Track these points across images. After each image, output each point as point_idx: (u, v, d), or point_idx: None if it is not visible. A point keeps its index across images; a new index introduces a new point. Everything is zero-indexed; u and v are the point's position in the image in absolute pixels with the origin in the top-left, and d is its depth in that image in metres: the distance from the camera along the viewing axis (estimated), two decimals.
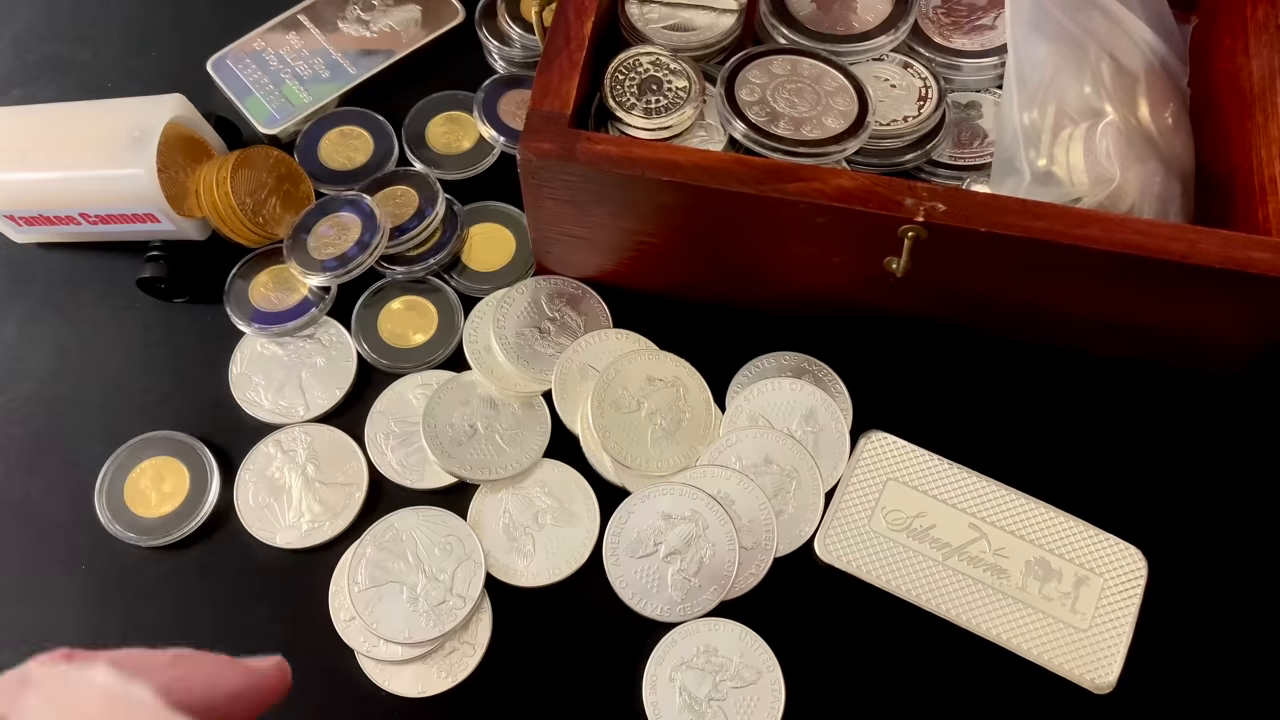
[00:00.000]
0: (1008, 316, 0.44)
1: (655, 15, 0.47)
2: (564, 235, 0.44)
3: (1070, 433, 0.46)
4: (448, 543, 0.43)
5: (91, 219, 0.46)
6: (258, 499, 0.44)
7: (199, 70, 0.52)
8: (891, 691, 0.41)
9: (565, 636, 0.42)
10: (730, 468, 0.44)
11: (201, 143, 0.48)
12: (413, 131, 0.52)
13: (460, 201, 0.49)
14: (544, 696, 0.41)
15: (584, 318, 0.47)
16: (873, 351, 0.47)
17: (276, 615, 0.42)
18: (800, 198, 0.38)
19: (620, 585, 0.42)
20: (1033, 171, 0.44)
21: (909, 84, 0.47)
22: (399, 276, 0.48)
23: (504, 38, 0.53)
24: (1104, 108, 0.44)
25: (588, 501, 0.44)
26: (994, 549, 0.43)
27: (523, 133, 0.39)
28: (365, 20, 0.54)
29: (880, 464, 0.44)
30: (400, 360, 0.47)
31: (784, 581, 0.43)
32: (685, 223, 0.41)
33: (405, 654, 0.41)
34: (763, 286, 0.45)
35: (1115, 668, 0.40)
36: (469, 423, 0.45)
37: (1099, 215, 0.38)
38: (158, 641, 0.41)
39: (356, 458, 0.45)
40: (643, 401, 0.45)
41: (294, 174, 0.49)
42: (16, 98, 0.53)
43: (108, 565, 0.43)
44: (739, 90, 0.44)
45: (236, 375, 0.46)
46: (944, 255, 0.40)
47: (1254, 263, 0.37)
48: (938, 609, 0.42)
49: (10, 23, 0.55)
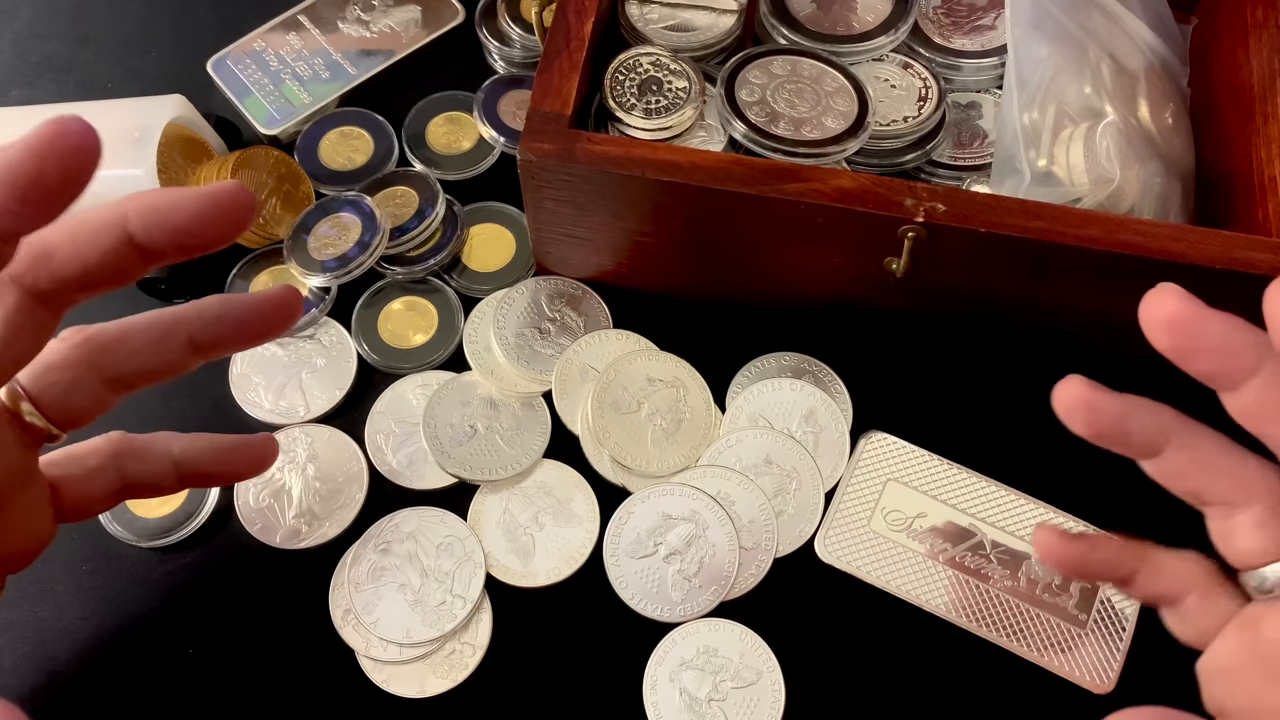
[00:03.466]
0: (1008, 316, 0.44)
1: (655, 15, 0.47)
2: (564, 235, 0.44)
3: (1070, 433, 0.46)
4: (448, 543, 0.43)
5: None
6: (258, 499, 0.44)
7: (199, 70, 0.52)
8: (891, 692, 0.41)
9: (565, 637, 0.42)
10: (730, 468, 0.44)
11: (201, 143, 0.48)
12: (413, 131, 0.52)
13: (460, 202, 0.49)
14: (544, 697, 0.41)
15: (584, 318, 0.47)
16: (873, 351, 0.47)
17: (276, 615, 0.42)
18: (800, 198, 0.38)
19: (620, 585, 0.42)
20: (1033, 171, 0.44)
21: (909, 84, 0.47)
22: (399, 277, 0.48)
23: (504, 38, 0.53)
24: (1104, 108, 0.44)
25: (588, 501, 0.44)
26: (994, 549, 0.43)
27: (523, 133, 0.39)
28: (365, 20, 0.54)
29: (880, 464, 0.44)
30: (400, 361, 0.47)
31: (784, 581, 0.43)
32: (685, 223, 0.41)
33: (405, 654, 0.41)
34: (763, 286, 0.45)
35: (1115, 668, 0.40)
36: (469, 423, 0.45)
37: (1099, 215, 0.38)
38: (158, 641, 0.42)
39: (356, 458, 0.45)
40: (643, 402, 0.45)
41: (294, 174, 0.49)
42: (17, 98, 0.53)
43: (108, 565, 0.43)
44: (739, 90, 0.44)
45: (236, 376, 0.46)
46: (944, 255, 0.40)
47: (1254, 263, 0.37)
48: (938, 609, 0.42)
49: (10, 23, 0.55)
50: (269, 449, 0.36)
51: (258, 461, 0.36)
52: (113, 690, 0.41)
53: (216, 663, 0.41)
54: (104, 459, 0.33)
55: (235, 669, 0.41)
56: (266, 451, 0.36)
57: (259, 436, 0.36)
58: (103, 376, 0.30)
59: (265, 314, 0.31)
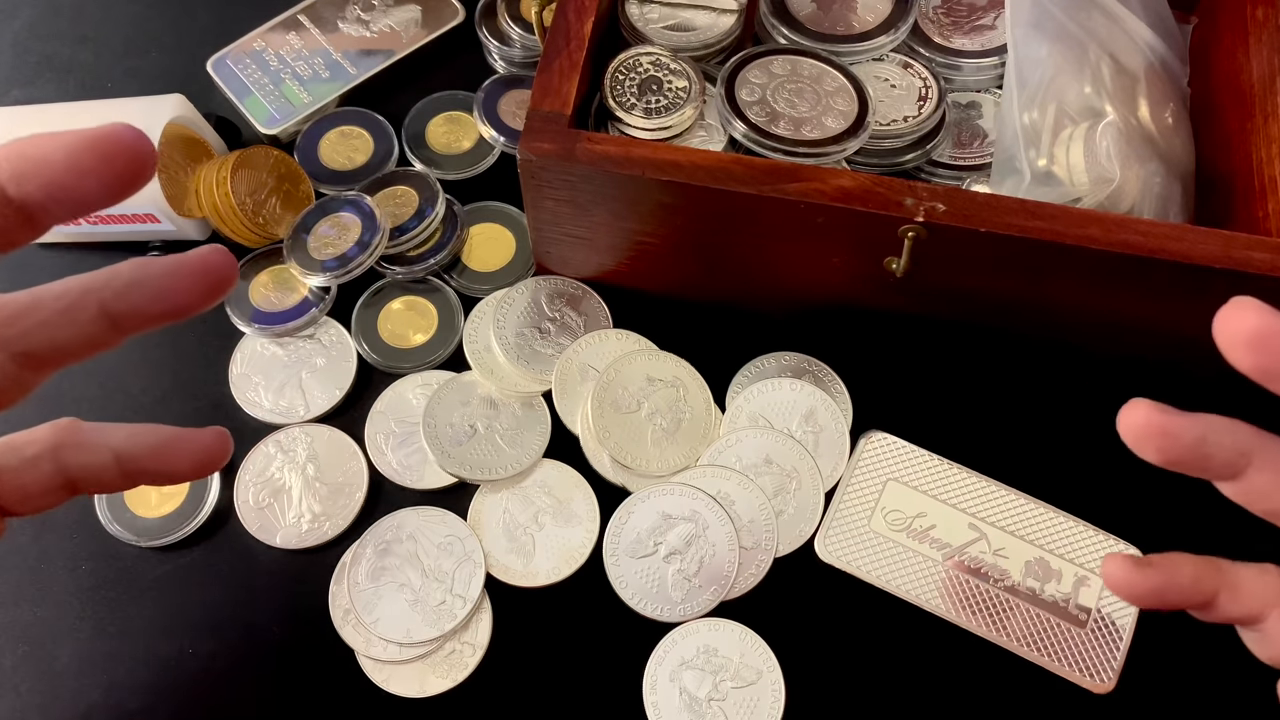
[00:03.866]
0: (1008, 316, 0.44)
1: (655, 15, 0.47)
2: (564, 235, 0.44)
3: (1070, 432, 0.46)
4: (448, 543, 0.43)
5: (91, 219, 0.46)
6: (258, 499, 0.44)
7: (199, 70, 0.52)
8: (891, 692, 0.41)
9: (565, 637, 0.42)
10: (730, 468, 0.44)
11: (201, 143, 0.48)
12: (413, 131, 0.52)
13: (460, 201, 0.49)
14: (544, 697, 0.41)
15: (584, 318, 0.47)
16: (873, 351, 0.47)
17: (276, 615, 0.42)
18: (800, 198, 0.38)
19: (620, 585, 0.42)
20: (1033, 171, 0.44)
21: (909, 84, 0.47)
22: (399, 276, 0.48)
23: (504, 38, 0.53)
24: (1104, 108, 0.44)
25: (588, 501, 0.44)
26: (994, 549, 0.43)
27: (523, 133, 0.39)
28: (365, 20, 0.54)
29: (880, 464, 0.44)
30: (400, 360, 0.47)
31: (784, 581, 0.43)
32: (685, 223, 0.41)
33: (405, 654, 0.41)
34: (763, 286, 0.45)
35: (1115, 668, 0.40)
36: (469, 423, 0.45)
37: (1099, 215, 0.38)
38: (158, 642, 0.42)
39: (356, 458, 0.45)
40: (643, 401, 0.45)
41: (294, 174, 0.49)
42: (17, 98, 0.53)
43: (108, 565, 0.43)
44: (739, 90, 0.44)
45: (236, 375, 0.46)
46: (944, 255, 0.40)
47: (1254, 263, 0.37)
48: (937, 609, 0.42)
49: (10, 23, 0.55)
50: (218, 446, 0.31)
51: (204, 460, 0.31)
52: (113, 690, 0.41)
53: (216, 663, 0.41)
54: (42, 448, 0.30)
55: (235, 669, 0.41)
56: (214, 448, 0.31)
57: (209, 431, 0.31)
58: (9, 351, 0.26)
59: (188, 280, 0.27)
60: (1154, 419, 0.25)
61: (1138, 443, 0.25)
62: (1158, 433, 0.25)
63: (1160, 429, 0.24)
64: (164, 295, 0.26)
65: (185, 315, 0.27)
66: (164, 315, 0.27)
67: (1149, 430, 0.25)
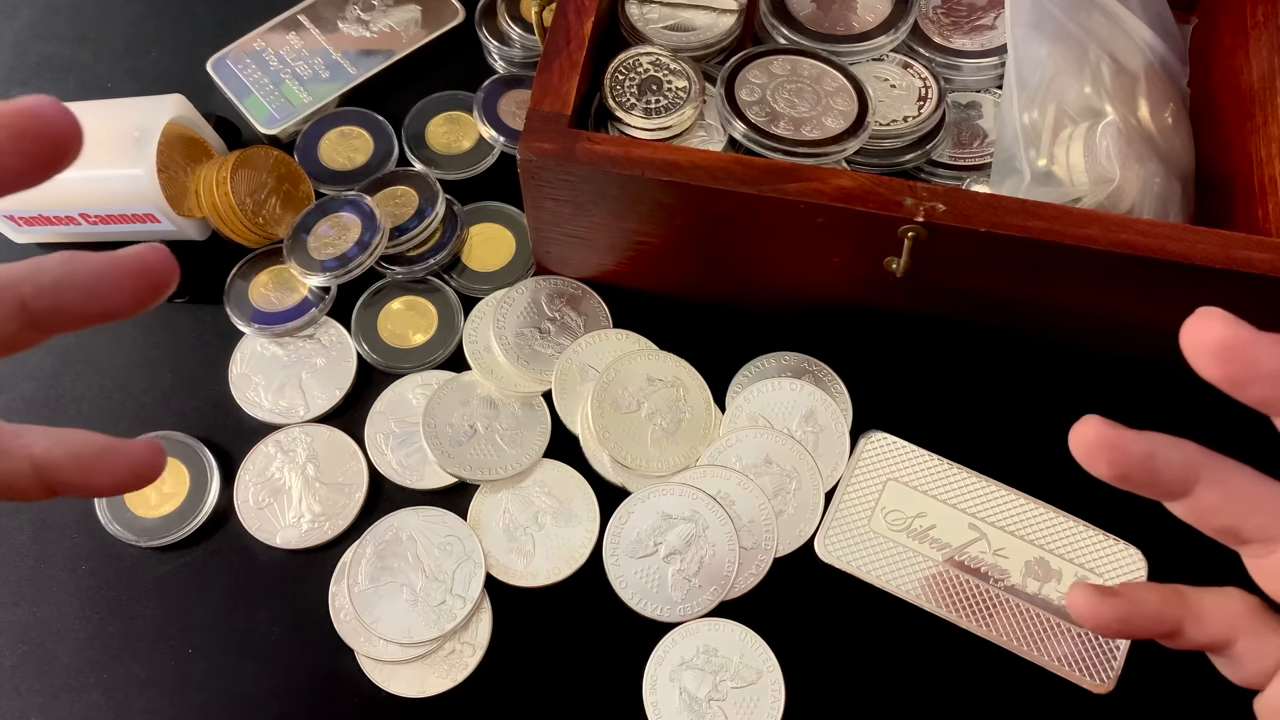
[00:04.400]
0: (1007, 316, 0.44)
1: (655, 15, 0.47)
2: (564, 235, 0.44)
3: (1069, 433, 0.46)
4: (448, 543, 0.43)
5: (91, 219, 0.46)
6: (258, 499, 0.44)
7: (199, 70, 0.52)
8: (891, 692, 0.41)
9: (565, 637, 0.42)
10: (730, 468, 0.44)
11: (201, 143, 0.48)
12: (413, 131, 0.52)
13: (460, 201, 0.49)
14: (544, 697, 0.41)
15: (584, 318, 0.47)
16: (873, 351, 0.47)
17: (276, 615, 0.42)
18: (800, 198, 0.38)
19: (620, 585, 0.42)
20: (1033, 171, 0.44)
21: (909, 84, 0.47)
22: (399, 276, 0.48)
23: (504, 38, 0.53)
24: (1104, 108, 0.44)
25: (588, 501, 0.44)
26: (994, 549, 0.43)
27: (523, 133, 0.39)
28: (365, 20, 0.54)
29: (880, 464, 0.44)
30: (400, 360, 0.47)
31: (784, 581, 0.43)
32: (685, 223, 0.41)
33: (405, 654, 0.41)
34: (763, 286, 0.45)
35: (1115, 668, 0.40)
36: (469, 423, 0.45)
37: (1099, 215, 0.38)
38: (158, 642, 0.42)
39: (356, 458, 0.45)
40: (643, 401, 0.45)
41: (294, 174, 0.49)
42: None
43: (108, 565, 0.43)
44: (739, 90, 0.44)
45: (236, 375, 0.46)
46: (944, 255, 0.40)
47: (1254, 262, 0.37)
48: (937, 609, 0.42)
49: (10, 23, 0.55)
50: (147, 460, 0.28)
51: (131, 475, 0.27)
52: (113, 690, 0.41)
53: (216, 663, 0.41)
54: None
55: (235, 669, 0.41)
56: (143, 462, 0.27)
57: (140, 443, 0.27)
58: None
59: (122, 280, 0.24)
60: (1104, 434, 0.25)
61: (1089, 457, 0.26)
62: (1108, 446, 0.25)
63: (1110, 443, 0.25)
64: (93, 295, 0.24)
65: (117, 318, 0.25)
66: (93, 316, 0.24)
67: (1099, 444, 0.25)
